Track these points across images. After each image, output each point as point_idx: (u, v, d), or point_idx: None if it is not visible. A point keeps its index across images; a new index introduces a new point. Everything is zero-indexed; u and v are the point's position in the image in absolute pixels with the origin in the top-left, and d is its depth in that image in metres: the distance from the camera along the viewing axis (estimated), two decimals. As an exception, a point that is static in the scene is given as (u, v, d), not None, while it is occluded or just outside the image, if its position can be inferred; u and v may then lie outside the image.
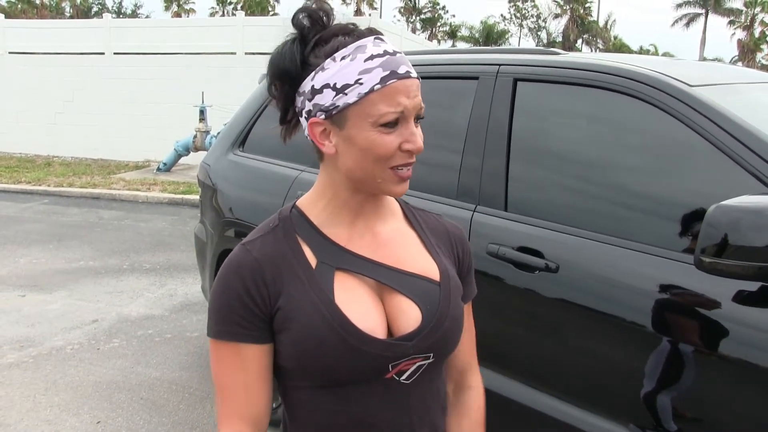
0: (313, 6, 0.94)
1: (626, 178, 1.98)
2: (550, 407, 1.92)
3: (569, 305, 1.90)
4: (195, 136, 10.51)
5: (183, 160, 11.22)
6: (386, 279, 0.98)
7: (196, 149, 10.46)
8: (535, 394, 1.96)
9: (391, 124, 0.91)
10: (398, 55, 0.92)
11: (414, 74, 0.93)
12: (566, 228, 1.95)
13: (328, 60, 0.92)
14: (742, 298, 1.59)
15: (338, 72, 0.91)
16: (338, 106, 0.91)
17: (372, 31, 0.94)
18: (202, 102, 10.47)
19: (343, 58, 0.91)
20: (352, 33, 0.93)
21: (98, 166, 12.08)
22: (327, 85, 0.91)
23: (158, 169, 11.18)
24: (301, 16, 0.94)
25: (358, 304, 0.95)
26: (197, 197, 3.61)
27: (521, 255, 1.97)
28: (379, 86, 0.90)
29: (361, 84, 0.90)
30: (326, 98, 0.92)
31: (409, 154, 0.93)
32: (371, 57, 0.91)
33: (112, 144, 12.85)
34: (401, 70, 0.91)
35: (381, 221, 1.03)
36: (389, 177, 0.94)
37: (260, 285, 0.94)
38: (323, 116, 0.93)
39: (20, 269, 5.55)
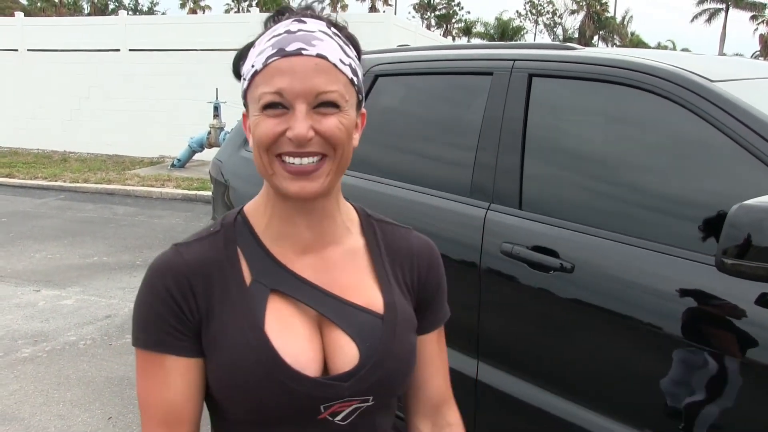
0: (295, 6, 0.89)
1: (644, 177, 1.93)
2: (564, 410, 1.88)
3: (584, 306, 1.85)
4: (209, 133, 10.55)
5: (197, 156, 11.27)
6: (325, 309, 0.87)
7: (210, 145, 10.51)
8: (549, 396, 1.92)
9: (274, 106, 0.80)
10: (300, 33, 0.81)
11: (311, 51, 0.80)
12: (582, 227, 1.90)
13: (251, 48, 0.86)
14: (765, 301, 1.54)
15: (248, 58, 0.84)
16: (242, 93, 0.86)
17: (311, 15, 0.85)
18: (216, 98, 10.50)
19: (258, 44, 0.84)
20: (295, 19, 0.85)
21: (113, 162, 12.17)
22: (244, 74, 0.86)
23: (172, 165, 11.24)
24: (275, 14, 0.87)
25: (290, 335, 0.84)
26: (211, 193, 3.63)
27: (536, 254, 1.93)
28: (260, 66, 0.81)
29: (252, 66, 0.83)
30: (242, 87, 0.86)
31: (294, 142, 0.80)
32: (271, 38, 0.82)
33: (127, 140, 12.95)
34: (291, 47, 0.80)
35: (332, 238, 0.91)
36: (278, 170, 0.82)
37: (187, 293, 0.84)
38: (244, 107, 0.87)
39: (35, 264, 5.59)
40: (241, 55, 0.87)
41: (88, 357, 3.70)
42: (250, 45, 0.86)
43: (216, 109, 10.54)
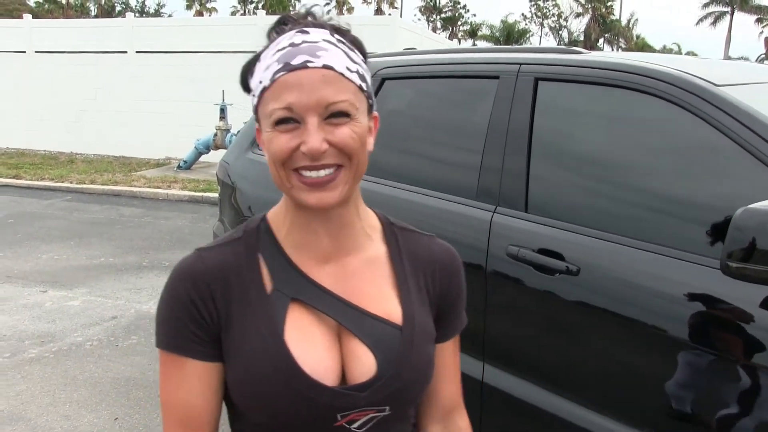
0: (293, 12, 0.88)
1: (649, 180, 1.94)
2: (570, 412, 1.89)
3: (590, 309, 1.86)
4: (215, 134, 10.59)
5: (203, 158, 11.31)
6: (345, 319, 0.87)
7: (217, 147, 10.54)
8: (555, 398, 1.93)
9: (286, 122, 0.80)
10: (304, 45, 0.81)
11: (317, 63, 0.80)
12: (588, 230, 1.91)
13: (257, 63, 0.86)
14: (770, 304, 1.54)
15: (255, 73, 0.85)
16: (253, 108, 0.87)
17: (313, 23, 0.84)
18: (223, 100, 10.55)
19: (264, 58, 0.84)
20: (298, 29, 0.84)
21: (120, 163, 12.23)
22: (252, 89, 0.86)
23: (179, 167, 11.29)
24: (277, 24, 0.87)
25: (310, 345, 0.85)
26: (217, 195, 3.67)
27: (541, 257, 1.94)
28: (268, 83, 0.81)
29: (260, 83, 0.83)
30: (252, 103, 0.87)
31: (309, 156, 0.80)
32: (275, 52, 0.82)
33: (133, 141, 13.01)
34: (296, 61, 0.80)
35: (352, 246, 0.91)
36: (296, 183, 0.83)
37: (207, 298, 0.86)
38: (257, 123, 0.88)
39: (42, 265, 5.62)
40: (248, 69, 0.88)
41: (95, 358, 3.72)
42: (256, 58, 0.87)
43: (222, 111, 10.58)
